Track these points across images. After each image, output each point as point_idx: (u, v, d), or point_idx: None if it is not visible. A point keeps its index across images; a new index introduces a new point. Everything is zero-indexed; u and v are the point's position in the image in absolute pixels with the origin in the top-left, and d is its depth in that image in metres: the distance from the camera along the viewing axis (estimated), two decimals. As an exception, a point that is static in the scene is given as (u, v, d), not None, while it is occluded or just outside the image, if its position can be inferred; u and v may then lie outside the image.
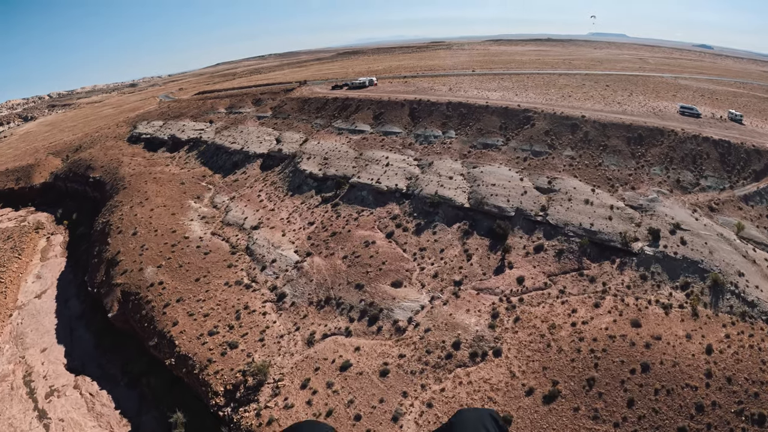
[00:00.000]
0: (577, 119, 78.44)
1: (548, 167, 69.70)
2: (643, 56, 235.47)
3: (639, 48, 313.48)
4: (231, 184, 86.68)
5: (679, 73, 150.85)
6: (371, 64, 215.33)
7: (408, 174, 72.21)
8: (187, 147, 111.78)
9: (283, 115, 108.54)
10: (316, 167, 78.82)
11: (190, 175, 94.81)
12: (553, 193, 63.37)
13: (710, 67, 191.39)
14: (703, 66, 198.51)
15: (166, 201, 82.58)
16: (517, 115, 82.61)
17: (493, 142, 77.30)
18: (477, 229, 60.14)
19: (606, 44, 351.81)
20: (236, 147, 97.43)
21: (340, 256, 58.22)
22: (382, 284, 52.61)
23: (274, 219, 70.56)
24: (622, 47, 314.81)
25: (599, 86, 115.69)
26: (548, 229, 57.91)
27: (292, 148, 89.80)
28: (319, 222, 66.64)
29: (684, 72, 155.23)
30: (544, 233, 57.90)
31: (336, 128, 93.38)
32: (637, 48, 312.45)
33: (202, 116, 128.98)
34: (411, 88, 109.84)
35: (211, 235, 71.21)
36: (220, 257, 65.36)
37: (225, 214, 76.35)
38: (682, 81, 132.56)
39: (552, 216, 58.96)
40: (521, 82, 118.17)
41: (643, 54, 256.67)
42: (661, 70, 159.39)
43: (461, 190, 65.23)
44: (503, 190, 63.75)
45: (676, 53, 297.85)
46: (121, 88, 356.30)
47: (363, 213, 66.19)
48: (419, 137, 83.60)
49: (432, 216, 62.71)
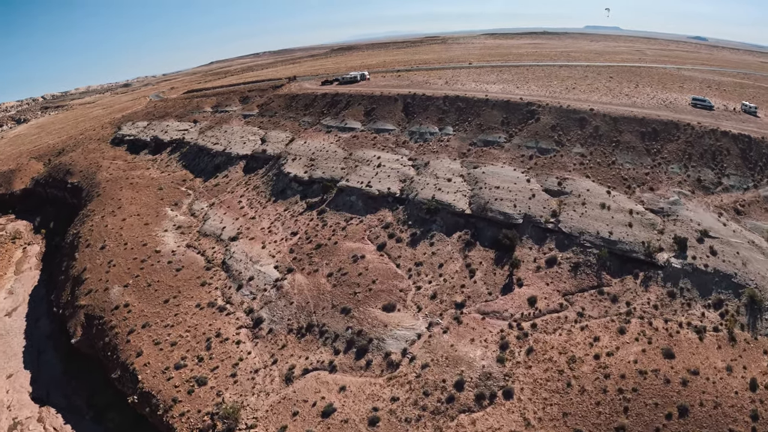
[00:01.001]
0: (586, 113, 70.06)
1: (557, 166, 61.48)
2: (640, 48, 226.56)
3: (635, 40, 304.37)
4: (211, 189, 78.35)
5: (680, 64, 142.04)
6: (365, 59, 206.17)
7: (402, 176, 63.96)
8: (170, 149, 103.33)
9: (269, 113, 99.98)
10: (301, 169, 70.48)
11: (169, 180, 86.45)
12: (564, 196, 55.21)
13: (708, 59, 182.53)
14: (701, 57, 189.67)
15: (140, 209, 74.29)
16: (520, 108, 74.20)
17: (495, 138, 68.97)
18: (480, 239, 52.00)
19: (601, 37, 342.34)
20: (218, 148, 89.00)
21: (324, 273, 50.08)
22: (372, 308, 44.52)
23: (255, 229, 62.32)
24: (617, 39, 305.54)
25: (602, 78, 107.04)
26: (561, 239, 49.81)
27: (277, 149, 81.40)
28: (302, 232, 58.44)
29: (685, 63, 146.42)
30: (556, 243, 49.82)
31: (324, 126, 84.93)
32: (633, 40, 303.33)
33: (187, 116, 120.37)
34: (405, 82, 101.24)
35: (185, 247, 63.00)
36: (193, 274, 57.22)
37: (203, 223, 68.13)
38: (686, 72, 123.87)
39: (565, 223, 50.84)
40: (521, 74, 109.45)
41: (640, 46, 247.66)
42: (661, 61, 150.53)
43: (461, 193, 57.00)
44: (508, 193, 55.52)
45: (672, 45, 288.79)
46: (114, 88, 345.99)
47: (352, 221, 57.97)
48: (414, 134, 75.27)
49: (429, 224, 54.51)
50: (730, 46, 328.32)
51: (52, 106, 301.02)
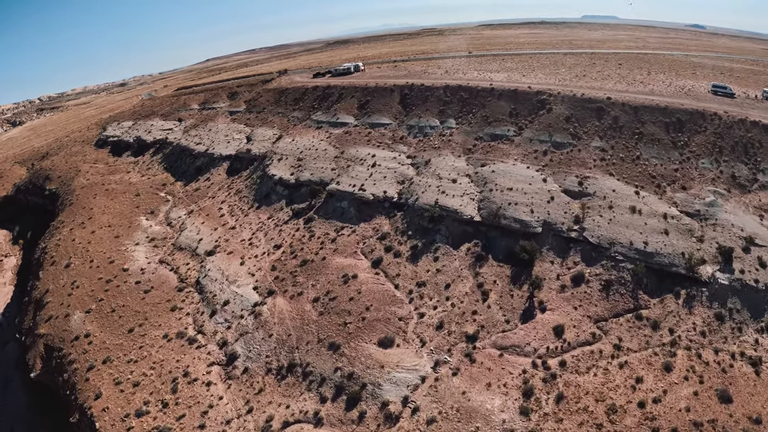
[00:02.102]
0: (603, 102, 61.04)
1: (576, 163, 52.74)
2: (640, 36, 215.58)
3: (634, 28, 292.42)
4: (191, 194, 69.67)
5: (685, 51, 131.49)
6: (361, 51, 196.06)
7: (400, 176, 55.22)
8: (153, 150, 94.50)
9: (257, 109, 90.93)
10: (287, 171, 61.68)
11: (149, 184, 77.77)
12: (587, 199, 46.54)
13: (711, 46, 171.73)
14: (703, 44, 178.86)
15: (113, 219, 65.74)
16: (530, 98, 65.15)
17: (503, 132, 60.05)
18: (493, 252, 43.41)
19: (600, 26, 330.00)
20: (201, 149, 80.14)
21: (310, 297, 41.58)
22: (366, 342, 36.05)
23: (234, 241, 53.76)
24: (616, 28, 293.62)
25: (611, 65, 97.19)
26: (588, 251, 41.25)
27: (262, 148, 72.57)
28: (287, 245, 49.84)
29: (690, 50, 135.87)
30: (582, 256, 41.31)
31: (315, 122, 75.98)
32: (632, 28, 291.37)
33: (172, 114, 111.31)
34: (401, 72, 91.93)
35: (158, 263, 54.54)
36: (162, 296, 48.84)
37: (179, 233, 59.58)
38: (694, 59, 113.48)
39: (591, 231, 42.26)
40: (525, 62, 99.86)
41: (639, 34, 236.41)
42: (666, 48, 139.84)
43: (469, 197, 48.28)
44: (523, 196, 46.80)
45: (671, 33, 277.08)
46: (111, 88, 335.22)
47: (343, 231, 49.33)
48: (412, 129, 66.35)
49: (432, 234, 45.84)
50: (728, 34, 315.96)
51: (48, 108, 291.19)
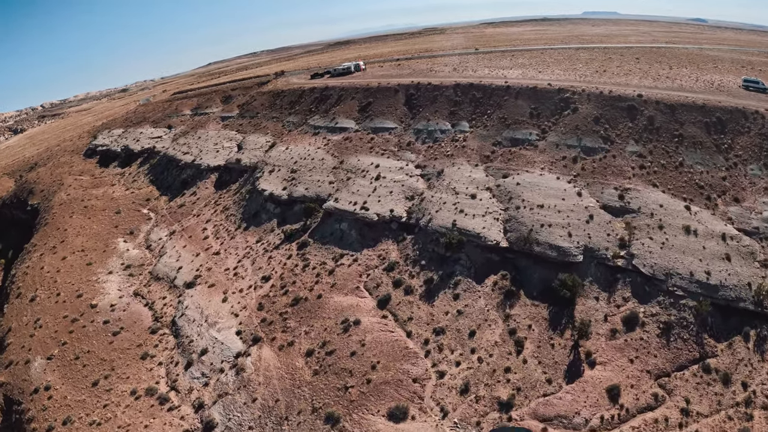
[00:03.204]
0: (634, 99, 52.18)
1: (612, 172, 44.05)
2: (645, 30, 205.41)
3: (637, 23, 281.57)
4: (175, 212, 61.38)
5: (696, 44, 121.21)
6: (362, 51, 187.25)
7: (408, 191, 46.67)
8: (140, 160, 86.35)
9: (250, 114, 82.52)
10: (279, 185, 53.23)
11: (131, 199, 69.57)
12: (631, 216, 37.88)
13: (719, 39, 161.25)
14: (711, 37, 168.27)
15: (87, 242, 57.55)
16: (551, 97, 56.36)
17: (525, 136, 51.38)
18: (525, 286, 34.84)
19: (602, 21, 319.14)
20: (188, 159, 71.82)
21: (302, 348, 33.14)
22: (372, 414, 27.55)
23: (217, 270, 45.40)
24: (619, 23, 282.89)
25: (629, 59, 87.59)
26: (640, 283, 32.70)
27: (254, 157, 64.17)
28: (277, 276, 41.39)
29: (700, 43, 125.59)
30: (633, 290, 32.75)
31: (311, 127, 67.49)
32: (635, 23, 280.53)
33: (163, 121, 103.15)
34: (406, 71, 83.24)
35: (131, 296, 46.31)
36: (133, 339, 40.58)
37: (158, 259, 51.33)
38: (709, 52, 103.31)
39: (642, 258, 33.66)
40: (538, 58, 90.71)
41: (644, 29, 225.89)
42: (676, 41, 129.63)
43: (492, 216, 39.63)
44: (557, 215, 38.13)
45: (675, 27, 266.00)
46: (112, 94, 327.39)
47: (342, 260, 40.80)
48: (420, 133, 57.80)
49: (450, 264, 37.25)
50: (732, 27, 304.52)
51: (49, 115, 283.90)
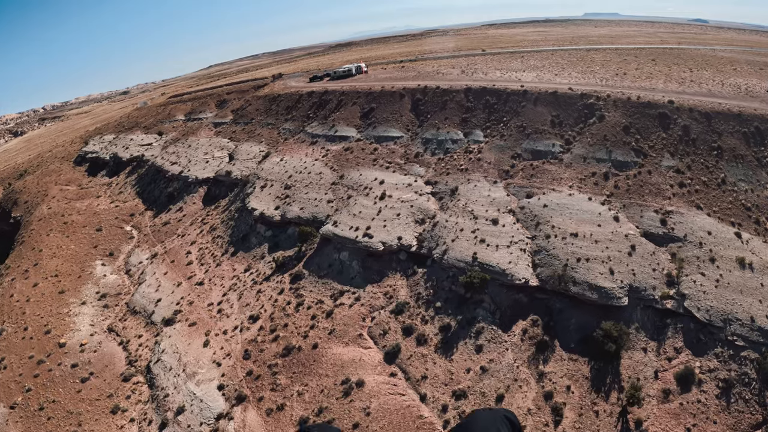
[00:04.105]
0: (665, 106, 45.51)
1: (649, 191, 37.44)
2: (649, 31, 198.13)
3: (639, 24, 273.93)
4: (159, 230, 54.82)
5: (705, 44, 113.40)
6: (364, 53, 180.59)
7: (418, 212, 40.05)
8: (129, 169, 79.89)
9: (244, 120, 75.94)
10: (271, 204, 46.62)
11: (115, 214, 63.02)
12: (677, 246, 31.36)
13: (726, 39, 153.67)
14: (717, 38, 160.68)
15: (62, 265, 51.02)
16: (573, 103, 49.68)
17: (547, 147, 44.75)
18: (560, 335, 28.24)
19: (605, 22, 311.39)
20: (176, 170, 65.22)
21: (295, 415, 26.53)
22: None
23: (200, 304, 38.84)
24: (621, 24, 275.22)
25: (644, 61, 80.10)
26: (693, 330, 26.29)
27: (245, 169, 57.59)
28: (266, 315, 34.80)
29: (711, 44, 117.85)
30: (685, 338, 26.38)
31: (309, 135, 60.90)
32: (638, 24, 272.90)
33: (155, 127, 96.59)
34: (411, 73, 76.57)
35: (105, 333, 39.79)
36: (104, 388, 34.05)
37: (136, 287, 44.79)
38: (722, 53, 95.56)
39: (695, 300, 27.22)
40: (550, 59, 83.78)
41: (648, 29, 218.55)
42: (685, 42, 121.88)
43: (518, 247, 32.97)
44: (594, 246, 31.48)
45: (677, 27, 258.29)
46: (113, 96, 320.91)
47: (342, 299, 34.18)
48: (429, 143, 51.24)
49: (471, 307, 30.60)
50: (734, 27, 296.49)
51: (50, 117, 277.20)
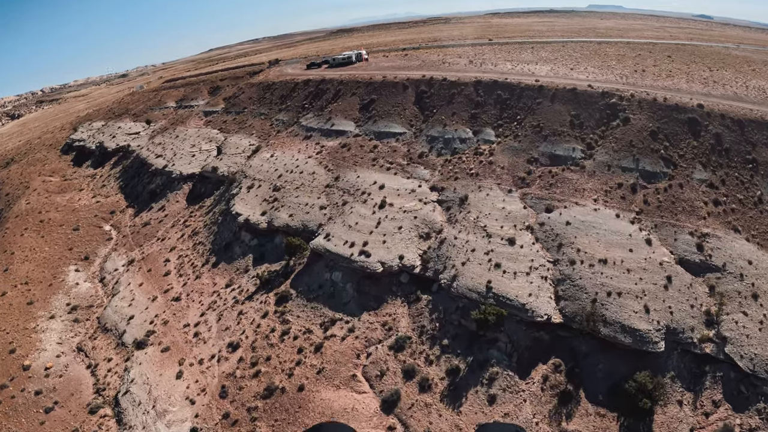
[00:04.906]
0: (694, 111, 39.90)
1: (682, 208, 32.24)
2: (657, 26, 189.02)
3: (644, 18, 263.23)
4: (138, 231, 49.55)
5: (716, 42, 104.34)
6: (366, 40, 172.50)
7: (423, 225, 34.80)
8: (114, 160, 74.19)
9: (236, 109, 70.06)
10: (257, 208, 41.29)
11: (95, 211, 57.63)
12: (715, 276, 26.52)
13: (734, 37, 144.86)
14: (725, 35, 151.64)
15: (34, 270, 45.77)
16: (594, 102, 43.85)
17: (567, 152, 39.27)
18: (585, 382, 23.38)
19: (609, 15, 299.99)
20: (160, 164, 59.61)
21: (269, 485, 21.91)
22: None
23: (175, 325, 33.86)
24: (626, 17, 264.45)
25: (660, 57, 72.03)
26: (732, 379, 22.03)
27: (233, 165, 52.10)
28: (247, 345, 29.83)
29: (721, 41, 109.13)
30: (724, 389, 22.22)
31: (303, 128, 55.25)
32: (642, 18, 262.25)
33: (145, 114, 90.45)
34: (414, 62, 70.36)
35: (73, 352, 34.90)
36: (68, 420, 29.22)
37: (109, 300, 39.75)
38: (735, 51, 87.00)
39: (736, 344, 22.83)
40: (561, 51, 76.61)
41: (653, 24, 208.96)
42: (694, 38, 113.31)
43: (538, 274, 27.81)
44: (626, 276, 26.36)
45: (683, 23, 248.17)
46: (112, 79, 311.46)
47: (333, 329, 29.14)
48: (435, 142, 45.73)
49: (483, 346, 25.58)
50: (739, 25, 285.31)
51: (47, 100, 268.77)
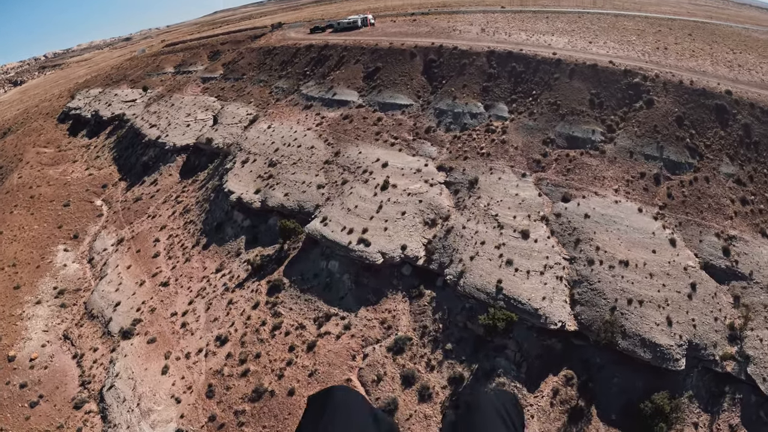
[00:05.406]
0: (722, 97, 35.37)
1: (708, 205, 28.70)
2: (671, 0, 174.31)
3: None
4: (130, 207, 46.93)
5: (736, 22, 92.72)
6: (372, 3, 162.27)
7: (428, 210, 31.58)
8: (109, 129, 70.86)
9: (235, 76, 65.66)
10: (251, 185, 38.19)
11: (87, 184, 54.95)
12: (741, 285, 23.66)
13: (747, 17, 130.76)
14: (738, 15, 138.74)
15: (22, 251, 43.59)
16: (616, 80, 38.99)
17: (586, 134, 35.21)
18: (598, 398, 20.85)
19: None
20: (153, 134, 56.23)
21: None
22: None
23: (162, 313, 31.68)
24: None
25: (681, 35, 63.09)
26: (751, 403, 19.92)
27: (229, 136, 48.63)
28: (236, 339, 27.57)
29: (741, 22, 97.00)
30: (742, 413, 20.20)
31: (303, 96, 51.20)
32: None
33: (142, 80, 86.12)
34: (423, 28, 64.72)
35: (59, 341, 33.12)
36: (54, 416, 27.68)
37: (96, 283, 37.63)
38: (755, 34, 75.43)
39: (760, 365, 20.67)
40: (578, 23, 68.36)
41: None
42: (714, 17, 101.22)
43: (553, 273, 24.73)
44: (649, 281, 23.23)
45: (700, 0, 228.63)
46: (115, 43, 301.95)
47: (328, 326, 26.62)
48: (444, 116, 41.70)
49: (490, 354, 22.94)
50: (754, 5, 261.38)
51: (50, 66, 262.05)
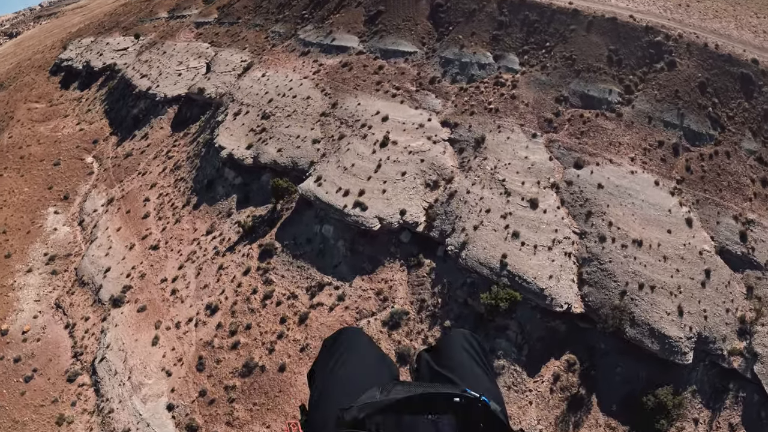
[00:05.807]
0: (747, 66, 31.33)
1: (727, 183, 25.69)
2: None
3: None
4: (120, 164, 44.57)
5: None
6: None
7: (430, 171, 28.66)
8: (101, 80, 66.99)
9: (230, 20, 60.42)
10: (243, 140, 35.24)
11: (77, 141, 52.26)
12: (755, 275, 22.94)
13: None
14: None
15: (12, 216, 41.75)
16: (637, 37, 33.66)
17: (602, 93, 31.12)
18: (599, 385, 19.37)
19: None
20: (144, 85, 52.59)
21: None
22: None
23: (152, 279, 30.16)
24: None
25: None
26: (754, 402, 18.89)
27: (222, 85, 45.02)
28: (227, 308, 25.99)
29: None
30: (743, 412, 19.00)
31: (301, 42, 46.69)
32: None
33: (135, 27, 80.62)
34: (431, -39, 57.78)
35: (51, 310, 32.19)
36: (48, 390, 27.24)
37: (87, 247, 36.13)
38: None
39: (767, 364, 17.37)
40: None
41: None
42: None
43: (562, 249, 22.24)
44: (662, 264, 20.93)
45: None
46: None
47: (321, 296, 24.72)
48: (450, 65, 37.46)
49: (490, 333, 20.93)
50: None
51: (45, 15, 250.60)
